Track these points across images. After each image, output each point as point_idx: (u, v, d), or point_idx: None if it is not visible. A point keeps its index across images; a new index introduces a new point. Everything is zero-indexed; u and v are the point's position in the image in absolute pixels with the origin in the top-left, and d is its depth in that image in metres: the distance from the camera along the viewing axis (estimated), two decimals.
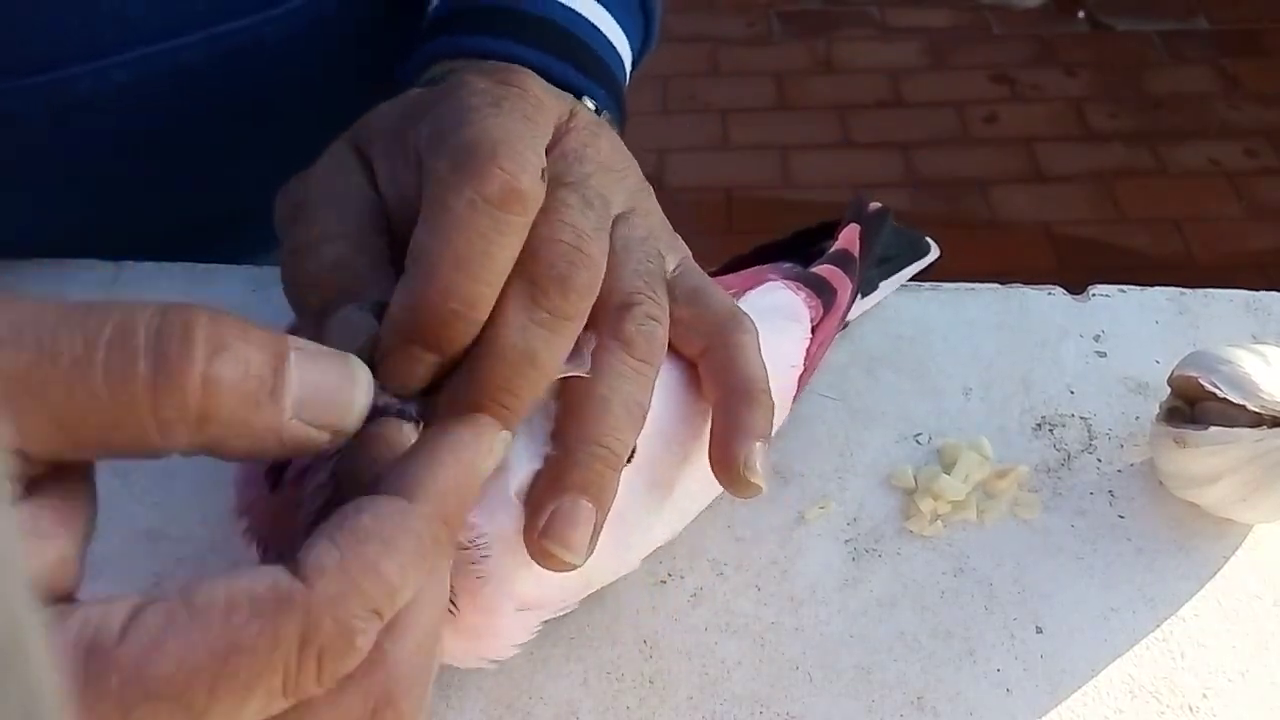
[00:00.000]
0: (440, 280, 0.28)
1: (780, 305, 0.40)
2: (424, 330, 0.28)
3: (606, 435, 0.30)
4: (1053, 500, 0.41)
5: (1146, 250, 1.75)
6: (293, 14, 0.49)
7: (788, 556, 0.39)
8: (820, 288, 0.42)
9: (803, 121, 1.99)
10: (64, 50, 0.44)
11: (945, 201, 1.83)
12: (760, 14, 2.21)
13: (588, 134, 0.34)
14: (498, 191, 0.29)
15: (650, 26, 0.52)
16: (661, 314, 0.33)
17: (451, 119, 0.31)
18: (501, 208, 0.29)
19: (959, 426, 0.43)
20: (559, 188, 0.31)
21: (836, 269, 0.43)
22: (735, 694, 0.36)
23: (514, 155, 0.29)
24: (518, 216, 0.29)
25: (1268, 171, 1.87)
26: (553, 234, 0.30)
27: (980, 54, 2.12)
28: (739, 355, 0.34)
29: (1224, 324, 0.47)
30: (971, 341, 0.46)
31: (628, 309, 0.32)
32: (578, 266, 0.30)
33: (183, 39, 0.46)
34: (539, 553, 0.30)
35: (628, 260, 0.33)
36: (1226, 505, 0.38)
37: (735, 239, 1.79)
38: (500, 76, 0.33)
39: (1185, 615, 0.37)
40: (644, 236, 0.34)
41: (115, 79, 0.46)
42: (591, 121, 0.35)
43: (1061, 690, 0.36)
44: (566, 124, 0.34)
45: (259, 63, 0.49)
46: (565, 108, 0.34)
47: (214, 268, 0.50)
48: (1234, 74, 2.06)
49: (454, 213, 0.29)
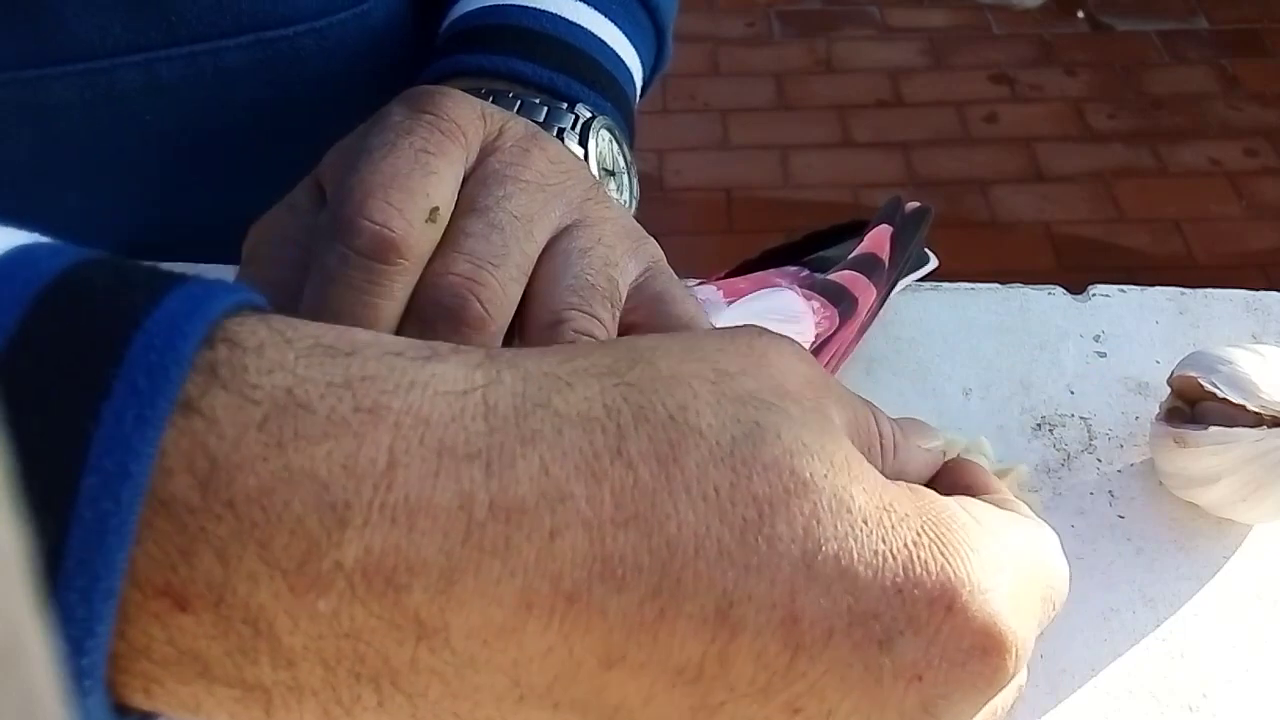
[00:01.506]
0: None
1: (776, 307, 0.39)
2: None
3: None
4: (1053, 500, 0.41)
5: (1146, 250, 1.75)
6: (337, 26, 0.49)
7: None
8: (837, 295, 0.40)
9: (803, 121, 1.99)
10: (111, 41, 0.45)
11: (945, 201, 1.83)
12: (760, 14, 2.21)
13: (515, 151, 0.33)
14: (368, 243, 0.28)
15: (663, 44, 0.51)
16: (596, 327, 0.31)
17: (347, 162, 0.31)
18: (375, 258, 0.28)
19: (959, 426, 0.43)
20: (464, 216, 0.30)
21: (860, 275, 0.41)
22: None
23: (386, 205, 0.29)
24: (393, 265, 0.29)
25: (1268, 171, 1.87)
26: (445, 267, 0.29)
27: (980, 54, 2.12)
28: None
29: (1224, 324, 0.47)
30: (971, 342, 0.46)
31: (556, 326, 0.31)
32: (468, 298, 0.29)
33: (229, 40, 0.46)
34: None
35: (563, 275, 0.32)
36: (1226, 505, 0.38)
37: (735, 239, 1.80)
38: (418, 103, 0.32)
39: (1185, 615, 0.37)
40: (586, 248, 0.32)
41: (160, 74, 0.46)
42: (522, 136, 0.33)
43: (1061, 690, 0.36)
44: (493, 143, 0.33)
45: (300, 71, 0.49)
46: (494, 126, 0.33)
47: (214, 268, 0.50)
48: (1234, 74, 2.06)
49: (328, 269, 0.28)
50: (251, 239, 0.34)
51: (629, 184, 0.45)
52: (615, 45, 0.46)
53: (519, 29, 0.43)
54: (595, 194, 0.34)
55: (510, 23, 0.44)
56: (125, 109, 0.46)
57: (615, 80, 0.45)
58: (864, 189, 1.86)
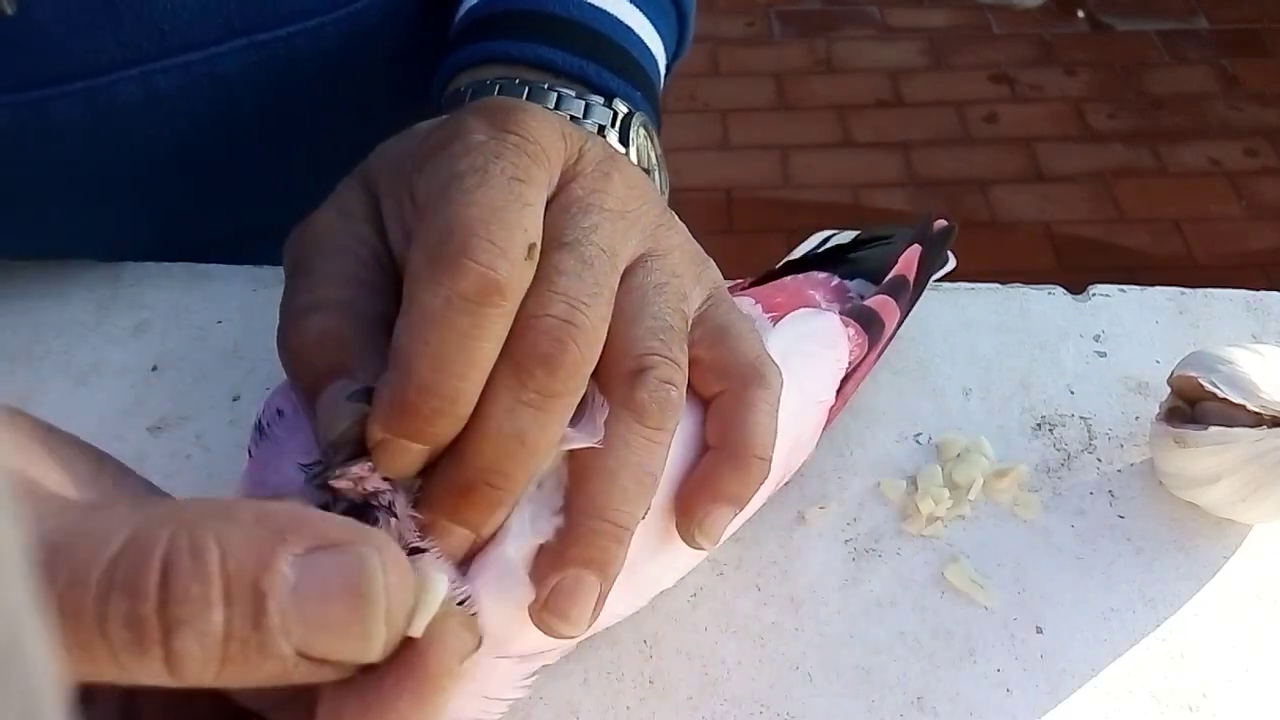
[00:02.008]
0: (419, 381, 0.27)
1: (817, 331, 0.38)
2: (406, 426, 0.27)
3: (612, 509, 0.29)
4: (1053, 500, 0.41)
5: (1146, 250, 1.75)
6: (330, 25, 0.48)
7: (788, 557, 0.39)
8: (869, 321, 0.40)
9: (803, 121, 1.99)
10: (107, 57, 0.44)
11: (945, 201, 1.83)
12: (760, 14, 2.21)
13: (597, 176, 0.32)
14: (473, 287, 0.27)
15: (685, 28, 0.50)
16: (678, 374, 0.31)
17: (436, 186, 0.29)
18: (480, 302, 0.27)
19: (959, 426, 0.43)
20: (554, 250, 0.29)
21: (890, 299, 0.41)
22: (735, 694, 0.36)
23: (489, 244, 0.27)
24: (497, 308, 0.28)
25: (1268, 171, 1.87)
26: (541, 308, 0.28)
27: (980, 54, 2.12)
28: (748, 413, 0.32)
29: (1224, 324, 0.47)
30: (971, 341, 0.46)
31: (640, 374, 0.30)
32: (566, 343, 0.28)
33: (222, 46, 0.46)
34: (540, 623, 0.29)
35: (642, 315, 0.31)
36: (1226, 505, 0.38)
37: (735, 239, 1.80)
38: (501, 120, 0.31)
39: (1185, 615, 0.37)
40: (662, 283, 0.32)
41: (157, 86, 0.45)
42: (602, 159, 0.32)
43: (1061, 690, 0.36)
44: (574, 166, 0.32)
45: (296, 73, 0.48)
46: (574, 147, 0.32)
47: (214, 268, 0.50)
48: (1234, 74, 2.06)
49: (429, 310, 0.27)
50: (298, 247, 0.32)
51: (660, 180, 0.44)
52: (641, 32, 0.44)
53: (544, 14, 0.42)
54: (666, 219, 0.34)
55: (534, 8, 0.42)
56: (126, 124, 0.46)
57: (643, 68, 0.44)
58: (864, 189, 1.86)
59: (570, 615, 0.29)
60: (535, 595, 0.29)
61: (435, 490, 0.28)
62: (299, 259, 0.32)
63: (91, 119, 0.45)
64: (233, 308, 0.48)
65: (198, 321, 0.47)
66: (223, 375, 0.45)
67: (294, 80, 0.48)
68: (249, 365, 0.45)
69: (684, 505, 0.32)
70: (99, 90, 0.45)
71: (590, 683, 0.36)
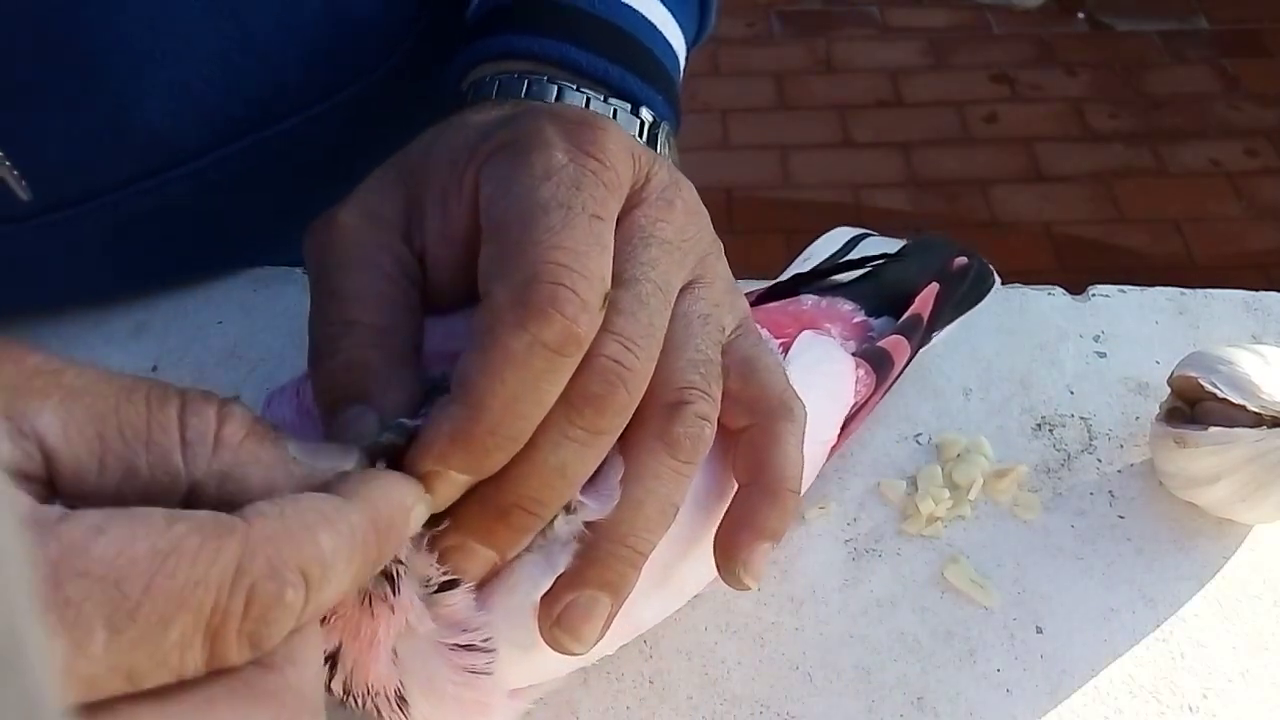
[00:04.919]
0: (490, 418, 0.27)
1: (830, 374, 0.38)
2: (466, 461, 0.28)
3: (634, 536, 0.30)
4: (1053, 500, 0.41)
5: (1146, 250, 1.75)
6: (328, 112, 0.47)
7: (788, 557, 0.39)
8: (880, 362, 0.40)
9: (803, 121, 1.99)
10: (119, 172, 0.44)
11: (945, 201, 1.83)
12: (760, 14, 2.21)
13: (661, 205, 0.32)
14: (556, 337, 0.28)
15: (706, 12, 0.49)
16: (713, 410, 0.31)
17: (515, 207, 0.29)
18: (559, 352, 0.28)
19: (959, 426, 0.43)
20: (613, 287, 0.30)
21: (903, 339, 0.41)
22: (735, 694, 0.36)
23: (574, 296, 0.28)
24: (572, 357, 0.28)
25: (1268, 171, 1.87)
26: (596, 348, 0.29)
27: (980, 54, 2.12)
28: (778, 447, 0.32)
29: (1224, 324, 0.47)
30: (971, 341, 0.46)
31: (678, 409, 0.30)
32: (616, 386, 0.29)
33: (229, 148, 0.45)
34: (549, 638, 0.30)
35: (686, 346, 0.31)
36: (1226, 505, 0.38)
37: (735, 239, 1.79)
38: (579, 139, 0.31)
39: (1185, 615, 0.37)
40: (706, 314, 0.32)
41: (172, 192, 0.45)
42: (667, 185, 0.32)
43: (1061, 690, 0.36)
44: (640, 191, 0.32)
45: (302, 157, 0.47)
46: (642, 171, 0.32)
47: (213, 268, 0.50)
48: (1234, 74, 2.06)
49: (511, 352, 0.27)
50: (322, 252, 0.32)
51: None
52: (664, 29, 0.44)
53: (566, 7, 0.41)
54: (715, 246, 0.34)
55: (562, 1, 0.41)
56: (143, 228, 0.46)
57: (664, 70, 0.43)
58: (864, 189, 1.86)
59: (581, 633, 0.29)
60: (547, 609, 0.29)
61: (468, 513, 0.29)
62: (326, 269, 0.32)
63: (110, 230, 0.45)
64: (233, 308, 0.48)
65: (197, 321, 0.47)
66: (222, 375, 0.45)
67: (300, 164, 0.47)
68: (249, 365, 0.45)
69: (725, 547, 0.32)
70: (108, 206, 0.44)
71: (590, 683, 0.36)
